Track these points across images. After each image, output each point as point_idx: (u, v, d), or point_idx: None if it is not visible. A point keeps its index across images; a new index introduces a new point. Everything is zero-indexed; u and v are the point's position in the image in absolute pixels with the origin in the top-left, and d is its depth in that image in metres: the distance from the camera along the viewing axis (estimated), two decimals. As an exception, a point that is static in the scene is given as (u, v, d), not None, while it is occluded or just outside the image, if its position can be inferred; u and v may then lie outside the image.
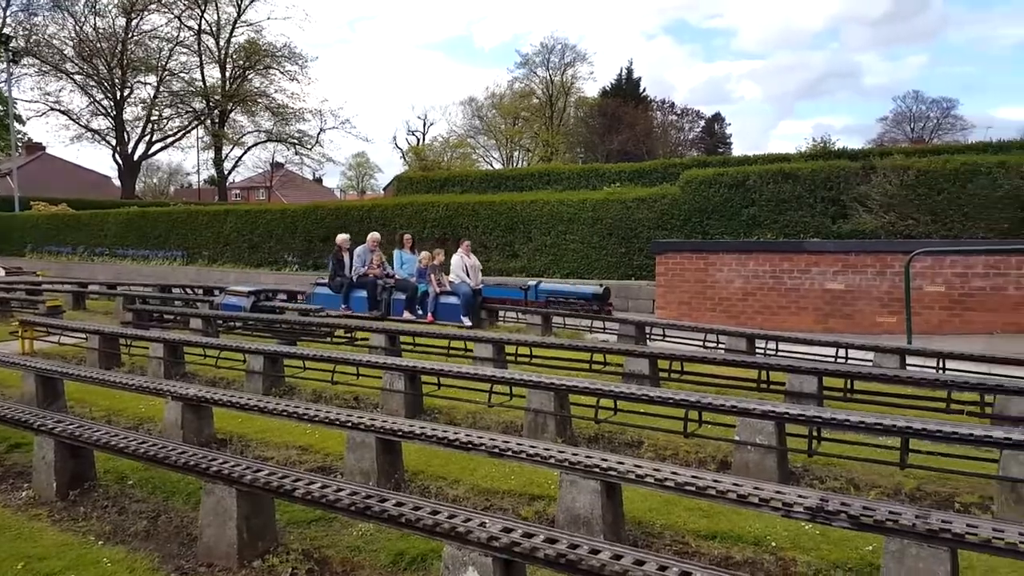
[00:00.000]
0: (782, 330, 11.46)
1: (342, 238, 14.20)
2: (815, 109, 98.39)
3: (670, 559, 3.10)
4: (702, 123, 50.95)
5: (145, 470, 5.06)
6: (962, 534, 3.10)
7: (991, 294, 11.35)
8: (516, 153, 54.17)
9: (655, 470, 3.96)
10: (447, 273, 13.04)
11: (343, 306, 13.27)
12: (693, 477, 3.87)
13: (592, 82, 74.57)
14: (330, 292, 13.60)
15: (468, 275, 12.72)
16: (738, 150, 51.49)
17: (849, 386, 6.83)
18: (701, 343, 10.35)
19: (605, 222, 16.50)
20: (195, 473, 4.10)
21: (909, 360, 8.41)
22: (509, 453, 4.31)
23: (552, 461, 4.16)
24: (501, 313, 13.03)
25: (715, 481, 3.80)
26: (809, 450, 5.24)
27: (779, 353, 9.45)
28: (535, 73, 51.31)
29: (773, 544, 4.12)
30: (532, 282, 13.32)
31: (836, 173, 14.49)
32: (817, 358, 8.83)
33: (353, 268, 13.43)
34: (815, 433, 5.26)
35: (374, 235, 14.08)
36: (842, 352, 8.92)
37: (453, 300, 12.49)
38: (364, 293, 13.18)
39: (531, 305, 12.61)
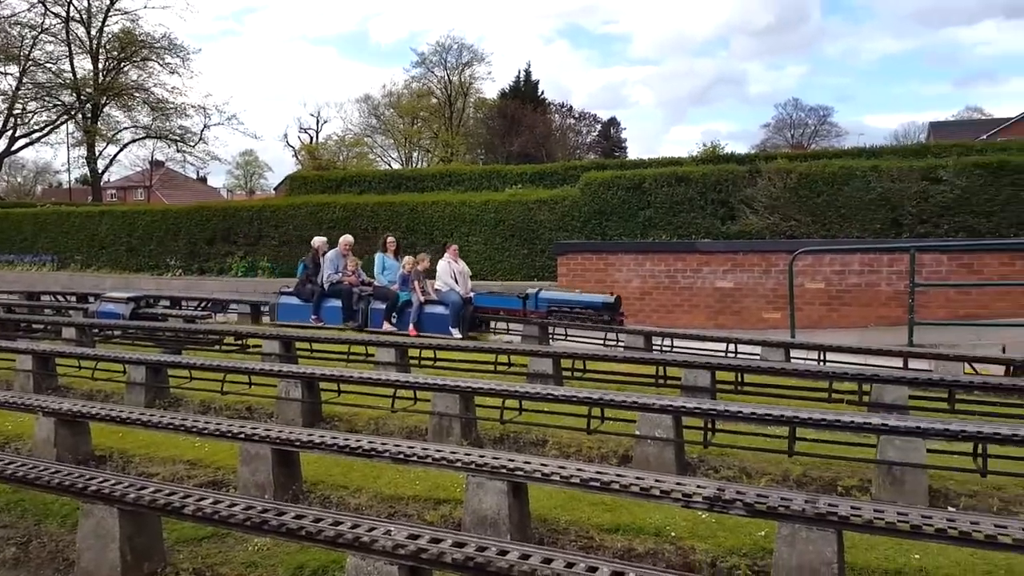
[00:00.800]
0: (677, 327, 11.88)
1: (320, 241, 12.75)
2: (704, 115, 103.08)
3: (576, 555, 3.12)
4: (599, 127, 52.20)
5: (13, 492, 4.64)
6: (847, 516, 3.28)
7: (865, 290, 12.20)
8: (415, 154, 53.59)
9: (561, 468, 3.98)
10: (432, 279, 11.90)
11: (313, 317, 11.92)
12: (597, 473, 3.91)
13: (491, 83, 74.90)
14: (298, 302, 12.21)
15: (456, 282, 11.69)
16: (633, 154, 53.11)
17: (740, 379, 7.14)
18: (602, 342, 10.57)
19: (507, 223, 16.59)
20: (71, 493, 3.78)
21: (793, 353, 8.89)
22: (414, 458, 4.22)
23: (458, 464, 4.11)
24: (494, 324, 11.98)
25: (619, 475, 3.86)
26: (705, 441, 5.43)
27: (675, 349, 9.77)
28: (433, 72, 50.94)
29: (673, 534, 4.23)
30: (532, 289, 12.19)
31: (725, 177, 15.18)
32: (710, 353, 9.19)
33: (325, 275, 12.02)
34: (710, 425, 5.46)
35: (347, 238, 12.60)
36: (732, 347, 9.33)
37: (439, 310, 11.37)
38: (338, 303, 11.84)
39: (531, 315, 11.51)
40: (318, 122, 58.28)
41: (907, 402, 6.22)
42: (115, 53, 43.34)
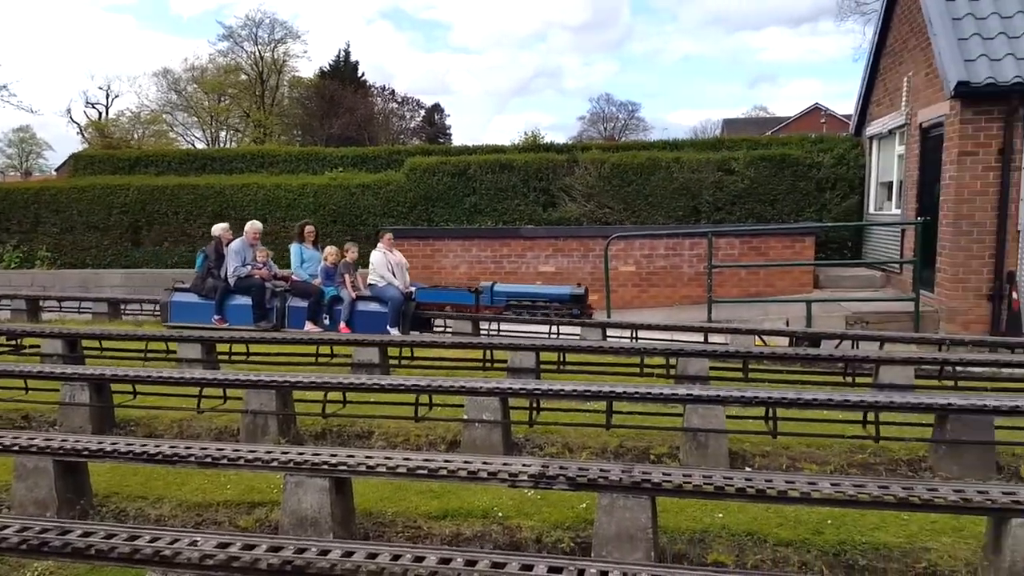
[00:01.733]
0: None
1: (221, 228, 10.83)
2: (526, 105, 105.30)
3: (403, 547, 3.02)
4: (423, 112, 51.81)
5: None
6: (660, 483, 3.47)
7: (670, 271, 13.14)
8: (223, 133, 49.81)
9: (387, 459, 3.86)
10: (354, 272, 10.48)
11: (216, 317, 10.21)
12: (425, 460, 3.84)
13: (307, 61, 71.34)
14: (196, 299, 10.41)
15: (394, 275, 10.28)
16: (458, 141, 53.16)
17: (562, 359, 7.38)
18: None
19: (328, 208, 15.97)
20: None
21: (609, 332, 9.37)
22: (224, 461, 3.89)
23: (275, 464, 3.85)
24: (440, 322, 10.72)
25: (446, 461, 3.81)
26: (530, 420, 5.54)
27: (501, 333, 9.94)
28: (242, 47, 47.43)
29: (500, 514, 4.27)
30: (485, 282, 11.17)
31: (546, 165, 15.64)
32: (534, 335, 9.45)
33: (231, 268, 10.25)
34: (535, 404, 5.58)
35: (255, 225, 10.70)
36: (555, 329, 9.65)
37: (375, 307, 10.05)
38: (247, 300, 10.19)
39: (484, 311, 10.41)
40: (108, 96, 52.48)
41: (708, 373, 6.76)
42: None
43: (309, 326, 10.03)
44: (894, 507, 3.32)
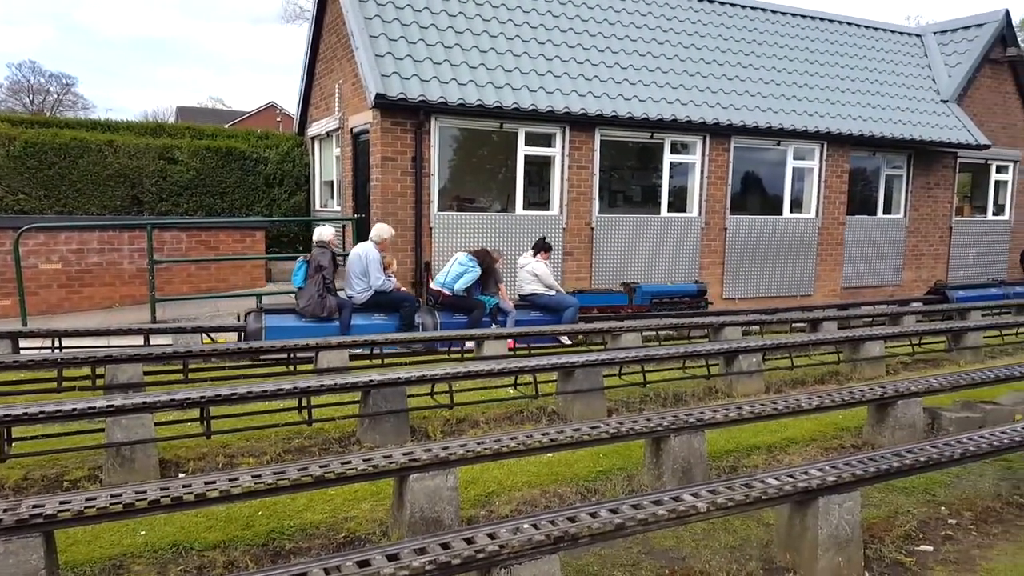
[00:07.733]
0: None
1: (331, 232, 8.96)
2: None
3: None
4: None
5: None
6: (55, 514, 2.94)
7: (108, 268, 11.65)
8: None
9: None
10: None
11: None
12: None
13: None
14: (295, 322, 8.47)
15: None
16: None
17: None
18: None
19: None
20: None
21: (24, 343, 7.85)
22: None
23: None
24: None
25: None
26: None
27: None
28: None
29: None
30: (632, 282, 11.81)
31: (-78, 135, 12.18)
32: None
33: (376, 281, 8.92)
34: None
35: (389, 229, 9.44)
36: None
37: (536, 315, 9.97)
38: (378, 319, 8.98)
39: (637, 310, 11.18)
40: None
41: (143, 379, 6.18)
42: None
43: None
44: (312, 486, 3.48)
